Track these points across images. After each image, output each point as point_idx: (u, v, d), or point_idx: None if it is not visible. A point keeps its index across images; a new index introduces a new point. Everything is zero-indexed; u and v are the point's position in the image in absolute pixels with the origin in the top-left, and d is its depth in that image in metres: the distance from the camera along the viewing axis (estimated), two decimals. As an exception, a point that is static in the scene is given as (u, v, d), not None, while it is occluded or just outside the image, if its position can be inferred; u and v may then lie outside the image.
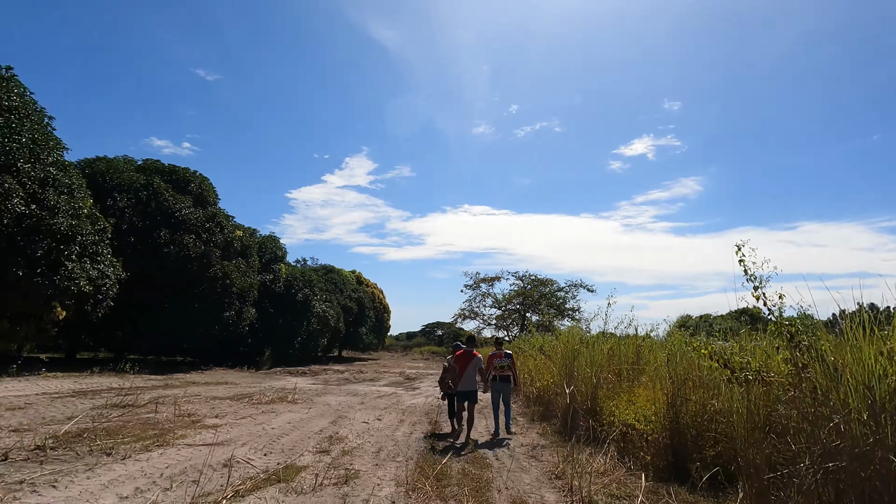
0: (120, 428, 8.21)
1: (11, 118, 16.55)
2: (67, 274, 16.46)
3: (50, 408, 10.09)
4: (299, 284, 38.77)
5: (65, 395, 12.32)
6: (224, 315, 27.32)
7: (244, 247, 30.58)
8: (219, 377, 22.10)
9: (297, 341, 37.50)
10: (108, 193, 24.46)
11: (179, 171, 29.13)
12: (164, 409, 10.50)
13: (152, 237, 24.14)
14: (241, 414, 10.67)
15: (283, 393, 15.33)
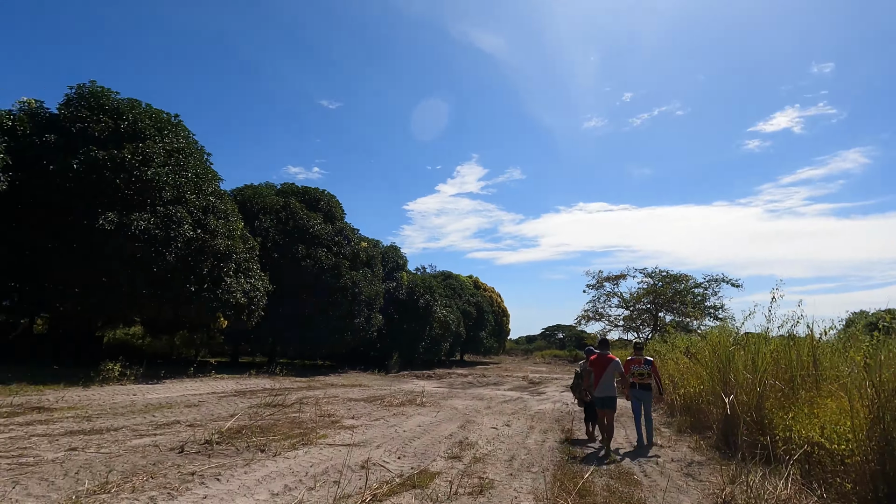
0: (271, 426, 8.93)
1: (180, 157, 19.44)
2: (227, 288, 18.81)
3: (217, 406, 11.43)
4: (420, 291, 40.13)
5: (229, 394, 13.95)
6: (355, 322, 29.19)
7: (369, 257, 32.46)
8: (353, 380, 23.57)
9: (421, 345, 38.79)
10: (254, 216, 27.63)
11: (311, 192, 31.97)
12: (308, 410, 11.28)
13: (291, 252, 26.70)
14: (374, 416, 11.05)
15: (412, 396, 15.72)
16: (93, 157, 16.51)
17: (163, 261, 16.62)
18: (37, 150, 16.66)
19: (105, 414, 9.49)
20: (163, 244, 16.70)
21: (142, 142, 17.96)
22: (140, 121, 18.78)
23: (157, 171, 17.36)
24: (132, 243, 15.98)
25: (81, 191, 16.32)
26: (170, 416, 9.56)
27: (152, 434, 7.75)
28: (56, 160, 16.44)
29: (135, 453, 6.41)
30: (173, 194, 17.85)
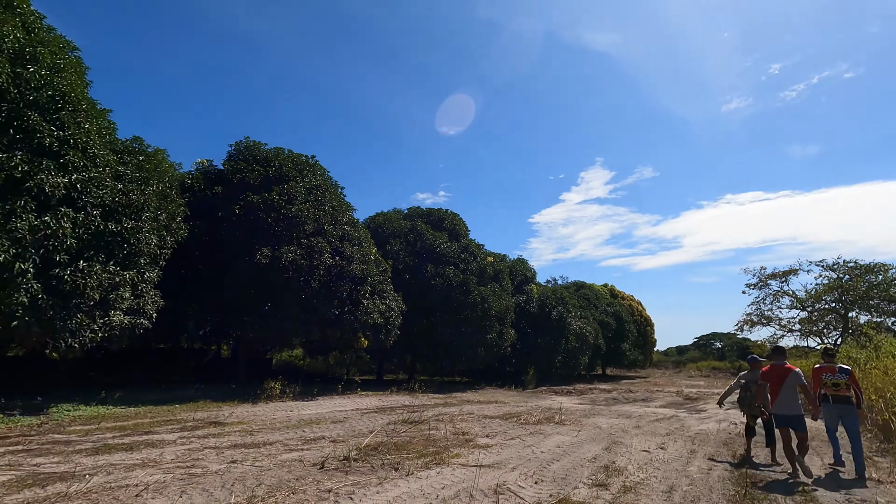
0: (406, 443, 8.94)
1: (318, 193, 21.43)
2: (365, 309, 20.01)
3: (359, 422, 11.93)
4: (552, 303, 38.71)
5: (370, 410, 14.57)
6: (487, 337, 29.05)
7: (496, 272, 32.27)
8: (489, 396, 23.27)
9: (557, 360, 37.19)
10: (385, 240, 29.30)
11: (434, 213, 33.04)
12: (442, 427, 11.18)
13: (421, 272, 27.66)
14: (510, 434, 10.53)
15: (550, 413, 14.84)
16: (249, 201, 18.97)
17: (309, 287, 18.29)
18: (208, 200, 19.68)
19: (265, 429, 10.44)
20: (308, 272, 18.40)
21: (286, 183, 20.18)
22: (284, 165, 21.18)
23: (299, 207, 19.31)
24: (283, 274, 17.87)
25: (242, 231, 18.81)
26: (317, 432, 10.16)
27: (300, 449, 8.22)
28: (222, 208, 19.23)
29: (282, 468, 6.78)
30: (314, 227, 19.65)
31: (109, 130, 13.27)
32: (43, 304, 10.28)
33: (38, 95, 10.27)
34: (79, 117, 10.94)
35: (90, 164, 11.00)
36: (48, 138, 10.01)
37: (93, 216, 11.09)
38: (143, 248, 12.98)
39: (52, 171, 9.94)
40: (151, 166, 13.63)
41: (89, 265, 11.16)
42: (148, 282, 14.21)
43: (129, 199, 12.27)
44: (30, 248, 9.52)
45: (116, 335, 13.32)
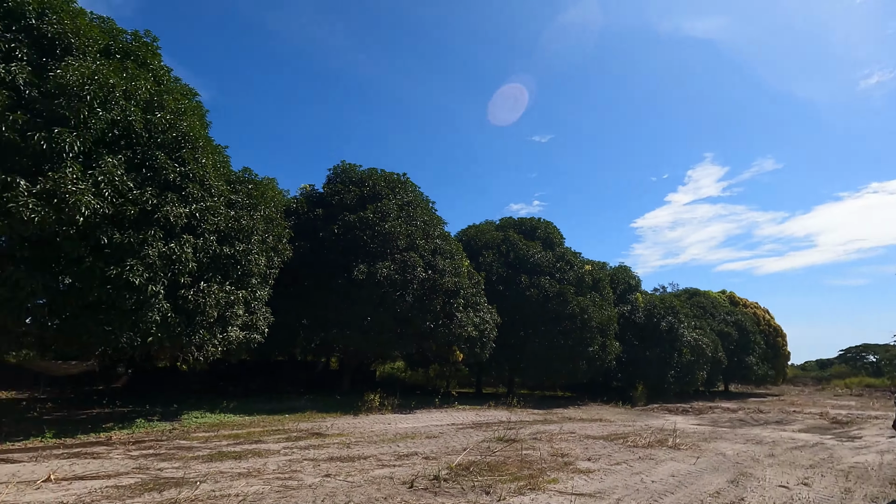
0: (500, 463, 8.50)
1: (409, 209, 21.95)
2: (459, 322, 19.93)
3: (453, 438, 11.71)
4: (660, 312, 35.80)
5: (466, 426, 14.30)
6: (588, 350, 27.49)
7: (595, 281, 30.59)
8: (594, 413, 21.86)
9: (669, 374, 34.13)
10: (478, 252, 29.17)
11: (527, 222, 32.32)
12: (540, 447, 10.55)
13: (515, 283, 27.05)
14: (615, 458, 9.61)
15: (663, 435, 13.42)
16: (346, 221, 19.96)
17: (403, 301, 18.67)
18: (311, 222, 21.06)
19: (362, 441, 10.63)
20: (402, 287, 18.80)
21: (379, 201, 20.95)
22: (377, 184, 22.05)
23: (392, 223, 19.89)
24: (379, 289, 18.43)
25: (341, 249, 19.81)
26: (411, 447, 10.10)
27: (392, 465, 8.16)
28: (323, 228, 20.45)
29: (372, 485, 6.73)
30: (406, 242, 20.10)
31: (224, 164, 14.74)
32: (171, 321, 11.53)
33: (164, 137, 11.70)
34: (197, 154, 12.28)
35: (206, 195, 12.26)
36: (172, 174, 11.34)
37: (210, 241, 12.31)
38: (254, 269, 14.12)
39: (176, 203, 11.21)
40: (258, 193, 14.88)
41: (208, 286, 12.35)
42: (259, 300, 15.41)
43: (240, 225, 13.46)
44: (159, 271, 10.76)
45: (234, 348, 14.57)
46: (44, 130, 9.65)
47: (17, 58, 10.63)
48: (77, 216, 9.32)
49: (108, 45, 13.18)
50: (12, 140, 9.35)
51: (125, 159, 11.01)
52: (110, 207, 10.07)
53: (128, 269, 10.05)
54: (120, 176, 10.45)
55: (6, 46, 10.53)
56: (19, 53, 10.68)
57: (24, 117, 9.56)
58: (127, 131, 11.18)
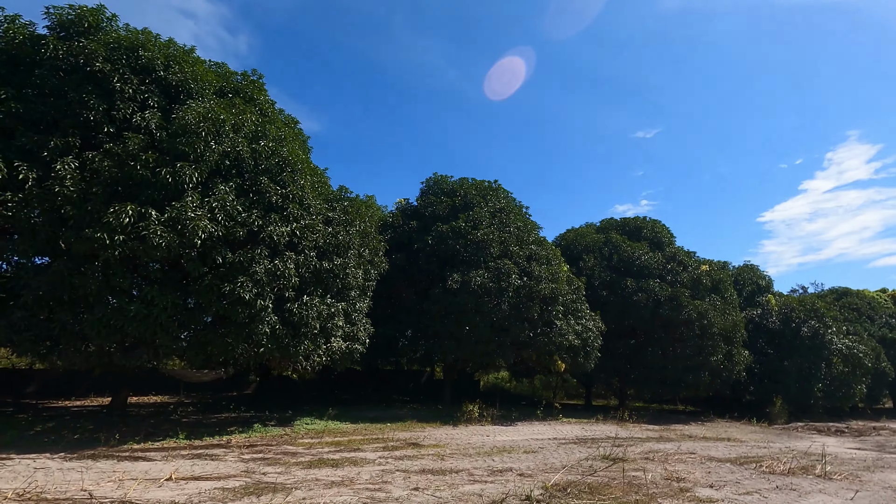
0: (603, 486, 7.71)
1: (502, 216, 21.59)
2: (558, 331, 19.01)
3: (554, 453, 11.00)
4: (800, 316, 31.24)
5: (569, 441, 13.42)
6: (710, 359, 24.66)
7: (714, 282, 27.50)
8: (720, 431, 19.44)
9: (816, 388, 29.47)
10: (578, 257, 27.81)
11: (630, 222, 30.17)
12: (652, 468, 9.46)
13: (620, 288, 25.26)
14: (745, 486, 8.26)
15: (808, 460, 11.38)
16: (438, 231, 20.15)
17: (499, 310, 18.27)
18: (406, 235, 21.62)
19: (457, 454, 10.40)
20: (496, 295, 18.43)
21: (470, 210, 20.88)
22: (468, 193, 22.04)
23: (484, 231, 19.67)
24: (473, 297, 18.26)
25: (435, 260, 20.02)
26: (507, 462, 9.64)
27: (483, 480, 7.80)
28: (418, 240, 20.87)
29: (459, 502, 6.43)
30: (500, 249, 19.73)
31: (322, 184, 15.67)
32: (279, 333, 12.39)
33: (268, 163, 12.74)
34: (296, 176, 13.20)
35: (305, 214, 13.09)
36: (275, 196, 12.28)
37: (310, 257, 13.08)
38: (352, 282, 14.74)
39: (278, 222, 12.09)
40: (353, 210, 15.57)
41: (310, 299, 13.10)
42: (359, 311, 16.06)
43: (336, 240, 14.16)
44: (266, 287, 11.65)
45: (337, 358, 15.29)
46: (169, 166, 10.98)
47: (150, 106, 12.30)
48: (195, 239, 10.40)
49: (222, 86, 14.78)
50: (145, 176, 10.76)
51: (235, 186, 12.13)
52: (222, 230, 11.11)
53: (239, 286, 10.97)
54: (231, 201, 11.52)
55: (141, 97, 12.21)
56: (151, 102, 12.35)
57: (154, 156, 10.95)
58: (237, 161, 12.34)
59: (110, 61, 12.04)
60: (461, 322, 18.58)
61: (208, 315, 11.19)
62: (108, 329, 10.20)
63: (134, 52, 12.46)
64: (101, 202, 10.46)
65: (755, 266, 36.52)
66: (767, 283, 35.44)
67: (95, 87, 11.75)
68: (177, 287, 11.12)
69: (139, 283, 11.06)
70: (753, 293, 34.45)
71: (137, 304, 10.35)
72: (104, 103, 11.64)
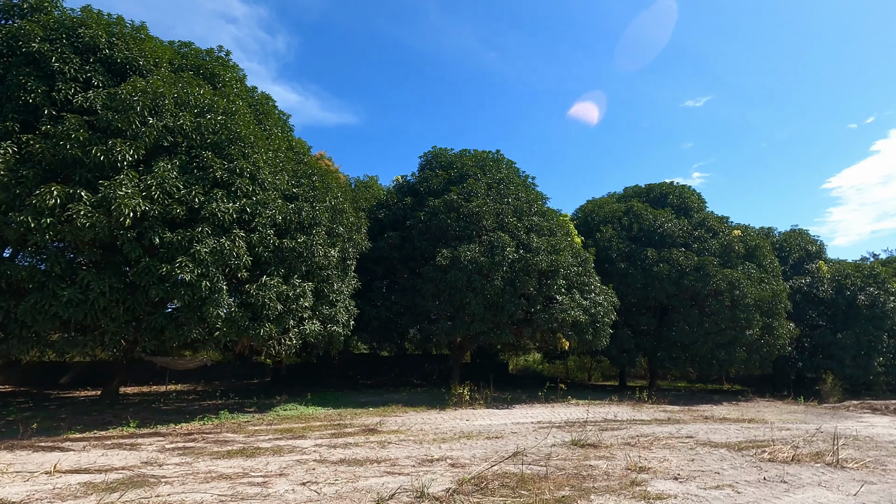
0: (540, 478, 6.50)
1: (500, 187, 20.15)
2: (560, 306, 17.52)
3: (522, 439, 9.79)
4: (856, 283, 28.04)
5: (553, 425, 12.11)
6: (745, 334, 22.32)
7: (750, 249, 24.89)
8: (751, 412, 17.43)
9: (876, 363, 26.36)
10: (595, 228, 25.93)
11: (655, 188, 27.80)
12: (622, 455, 8.09)
13: (640, 259, 23.26)
14: (722, 478, 6.80)
15: (830, 445, 9.58)
16: (431, 206, 19.02)
17: (492, 286, 17.00)
18: (400, 212, 20.62)
19: (407, 441, 9.41)
20: (489, 270, 17.15)
21: (464, 182, 19.58)
22: (465, 165, 20.71)
23: (477, 203, 18.35)
24: (464, 274, 17.07)
25: (428, 236, 18.93)
26: (454, 450, 8.55)
27: (401, 473, 6.77)
28: (412, 216, 19.82)
29: (339, 499, 5.43)
30: (494, 222, 18.37)
31: (294, 160, 14.83)
32: (236, 315, 11.77)
33: (215, 138, 12.02)
34: (248, 150, 12.42)
35: (259, 189, 12.33)
36: (219, 171, 11.56)
37: (267, 235, 12.33)
38: (321, 261, 13.91)
39: (223, 199, 11.38)
40: (322, 185, 14.70)
41: (270, 279, 12.39)
42: (338, 292, 15.28)
43: (300, 217, 13.34)
44: (211, 267, 11.01)
45: (312, 342, 14.61)
46: (102, 144, 10.46)
47: (95, 85, 11.84)
48: (123, 219, 9.83)
49: (182, 63, 14.21)
50: (76, 156, 10.27)
51: (180, 163, 11.50)
52: (159, 209, 10.51)
53: (177, 267, 10.37)
54: (172, 178, 10.90)
55: (84, 77, 11.76)
56: (96, 81, 11.88)
57: (86, 134, 10.44)
58: (180, 136, 11.69)
59: (49, 41, 11.64)
60: (454, 300, 17.48)
61: (153, 298, 10.66)
62: (43, 315, 9.87)
63: (74, 32, 12.01)
64: (32, 185, 10.08)
65: (804, 231, 33.06)
66: (818, 249, 31.98)
67: (35, 69, 11.39)
68: (115, 270, 10.66)
69: (78, 268, 10.68)
70: (802, 260, 31.18)
71: (72, 289, 9.95)
72: (44, 85, 11.26)
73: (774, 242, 32.19)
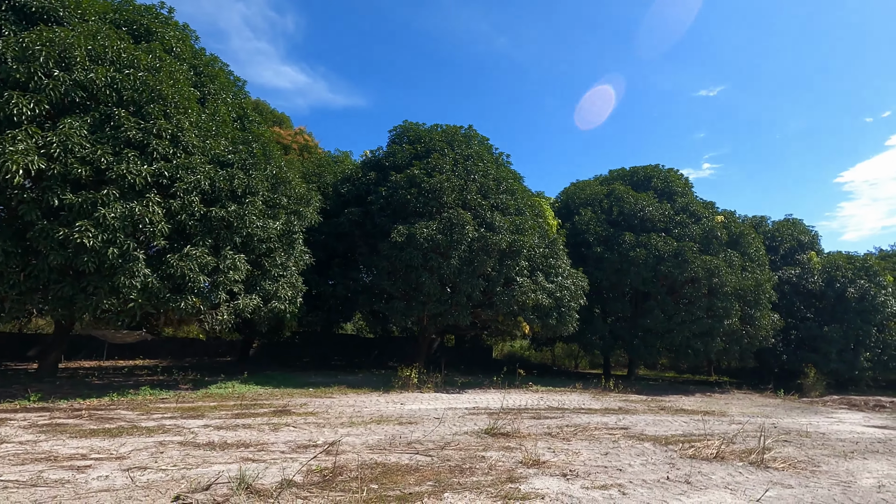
0: (413, 470, 5.76)
1: (468, 164, 19.15)
2: (520, 288, 16.71)
3: (432, 425, 9.07)
4: (847, 275, 27.02)
5: (482, 411, 11.40)
6: (724, 323, 21.45)
7: (734, 236, 23.89)
8: (718, 404, 16.66)
9: (863, 357, 25.49)
10: (575, 211, 24.99)
11: (640, 171, 26.73)
12: (531, 446, 7.34)
13: (617, 243, 22.33)
14: (623, 476, 6.04)
15: (773, 442, 8.80)
16: (392, 180, 18.14)
17: (448, 265, 16.19)
18: (364, 187, 19.75)
19: (311, 424, 8.72)
20: (447, 248, 16.33)
21: (428, 157, 18.64)
22: (433, 139, 19.73)
23: (438, 178, 17.44)
24: (420, 252, 16.26)
25: (389, 212, 18.08)
26: (350, 435, 7.83)
27: (260, 460, 6.05)
28: (374, 192, 18.95)
29: (147, 489, 4.72)
30: (456, 198, 17.47)
31: (226, 124, 13.78)
32: (153, 287, 11.04)
33: (133, 95, 11.16)
34: (171, 110, 11.56)
35: (180, 152, 11.50)
36: (133, 131, 10.73)
37: (191, 202, 11.53)
38: (258, 233, 13.12)
39: (135, 161, 10.58)
40: (261, 152, 13.82)
41: (195, 249, 11.62)
42: (281, 266, 14.52)
43: (231, 184, 12.51)
44: (119, 233, 10.26)
45: (251, 318, 13.90)
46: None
47: (4, 35, 10.98)
48: (11, 176, 9.06)
49: (114, 18, 13.29)
50: (-32, 109, 9.48)
51: (92, 121, 10.69)
52: (59, 168, 9.73)
53: (76, 231, 9.62)
54: (78, 137, 10.09)
55: (-10, 26, 10.90)
56: (6, 31, 11.03)
57: (-18, 86, 9.64)
58: (93, 92, 10.84)
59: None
60: (409, 279, 16.70)
61: (51, 264, 9.92)
62: (-73, 280, 9.20)
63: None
64: (-83, 142, 9.32)
65: (798, 220, 31.87)
66: (811, 239, 30.85)
67: (-66, 16, 10.57)
68: (13, 234, 9.94)
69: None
70: (793, 250, 30.08)
71: (-41, 253, 9.25)
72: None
73: (766, 232, 31.08)
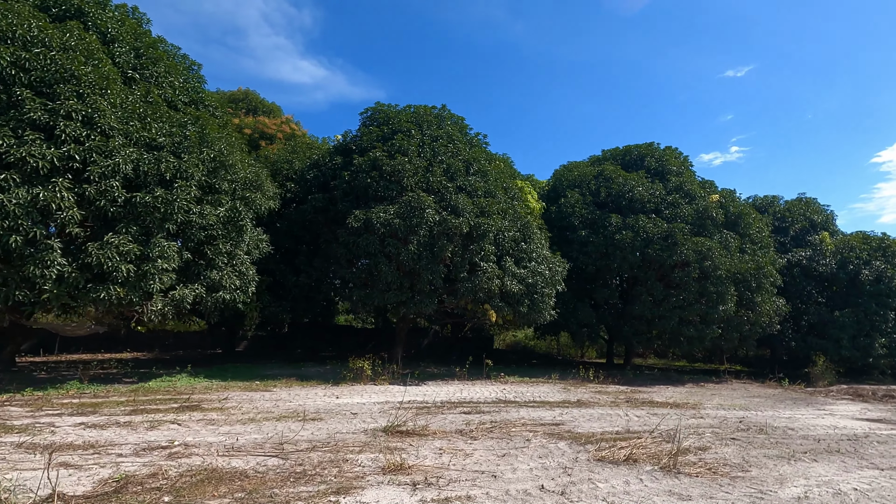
0: (243, 477, 4.98)
1: (435, 145, 18.20)
2: (484, 274, 15.75)
3: (335, 422, 8.28)
4: (861, 257, 25.17)
5: (413, 406, 10.56)
6: (718, 309, 20.06)
7: (732, 216, 22.37)
8: (700, 395, 15.46)
9: (878, 343, 23.71)
10: (562, 193, 23.81)
11: (633, 150, 25.30)
12: (429, 447, 6.47)
13: (602, 226, 21.10)
14: (492, 485, 5.14)
15: (714, 440, 7.73)
16: (355, 164, 17.34)
17: (406, 251, 15.33)
18: (329, 171, 19.00)
19: (205, 421, 8.04)
20: (405, 233, 15.46)
21: (392, 139, 17.75)
22: (401, 120, 18.81)
23: (399, 160, 16.54)
24: (376, 238, 15.46)
25: (352, 197, 17.29)
26: (231, 434, 7.11)
27: (75, 465, 5.35)
28: (338, 176, 18.18)
29: None
30: (417, 181, 16.54)
31: (157, 106, 13.07)
32: (70, 277, 10.52)
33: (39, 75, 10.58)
34: (84, 90, 10.95)
35: (94, 134, 10.89)
36: (37, 112, 10.16)
37: (111, 186, 10.92)
38: (195, 219, 12.49)
39: (39, 143, 10.02)
40: (195, 133, 13.13)
41: (117, 237, 11.05)
42: (228, 255, 13.89)
43: (158, 168, 11.87)
44: (23, 220, 9.74)
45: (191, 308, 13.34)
46: None
47: None
48: None
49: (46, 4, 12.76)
50: None
51: (-2, 103, 10.15)
52: (-49, 152, 9.22)
53: (-32, 218, 9.11)
54: (-23, 119, 9.56)
55: None
56: None
57: None
58: (-2, 73, 10.29)
59: None
60: (368, 266, 15.91)
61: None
62: None
63: None
64: None
65: (812, 199, 29.89)
66: (825, 219, 28.89)
67: None
68: None
69: None
70: (805, 231, 28.19)
71: None
72: None
73: (776, 212, 29.24)
